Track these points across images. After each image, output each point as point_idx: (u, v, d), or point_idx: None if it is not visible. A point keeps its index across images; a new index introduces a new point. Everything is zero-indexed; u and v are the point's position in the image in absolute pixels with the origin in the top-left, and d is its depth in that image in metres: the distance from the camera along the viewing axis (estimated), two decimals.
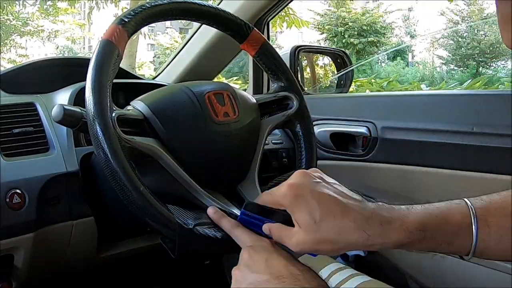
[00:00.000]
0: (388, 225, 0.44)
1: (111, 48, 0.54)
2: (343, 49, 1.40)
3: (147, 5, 0.59)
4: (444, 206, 0.48)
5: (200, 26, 1.13)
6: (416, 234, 0.45)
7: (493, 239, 0.47)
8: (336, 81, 1.32)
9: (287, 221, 0.47)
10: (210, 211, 0.54)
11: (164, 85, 0.74)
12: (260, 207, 0.50)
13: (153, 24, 0.63)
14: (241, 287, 0.46)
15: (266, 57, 0.72)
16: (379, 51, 13.56)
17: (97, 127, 0.50)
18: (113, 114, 0.52)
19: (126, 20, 0.56)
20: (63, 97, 0.80)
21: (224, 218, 0.53)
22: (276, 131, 0.97)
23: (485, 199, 0.50)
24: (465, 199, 0.49)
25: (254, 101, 0.69)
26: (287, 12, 4.97)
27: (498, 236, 0.46)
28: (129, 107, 0.61)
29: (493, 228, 0.47)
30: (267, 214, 0.49)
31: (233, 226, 0.51)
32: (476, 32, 13.25)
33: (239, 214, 0.51)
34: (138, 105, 0.60)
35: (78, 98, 0.76)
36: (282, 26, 5.22)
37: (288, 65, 0.87)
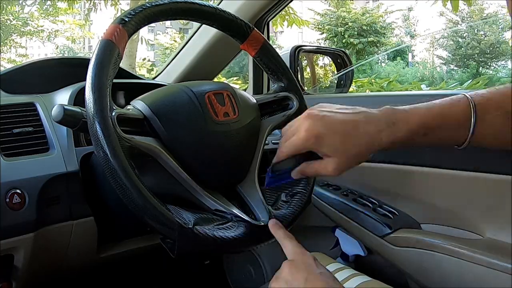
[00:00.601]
0: (394, 126, 0.51)
1: (111, 48, 0.54)
2: (343, 49, 1.40)
3: (147, 5, 0.59)
4: (446, 103, 0.54)
5: (200, 26, 1.13)
6: (419, 132, 0.52)
7: (491, 132, 0.52)
8: (336, 81, 1.32)
9: (308, 158, 0.54)
10: (270, 223, 0.56)
11: (164, 85, 0.74)
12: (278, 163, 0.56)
13: (153, 24, 0.63)
14: None
15: (266, 57, 0.72)
16: (379, 51, 13.56)
17: (97, 126, 0.50)
18: (113, 114, 0.52)
19: (126, 19, 0.56)
20: (63, 97, 0.80)
21: (280, 229, 0.55)
22: (276, 131, 0.97)
23: (485, 94, 0.53)
24: (467, 94, 0.53)
25: (254, 101, 0.69)
26: (288, 11, 4.97)
27: (493, 130, 0.52)
28: (129, 107, 0.61)
29: (489, 122, 0.52)
30: (286, 164, 0.55)
31: (285, 236, 0.53)
32: (476, 32, 13.26)
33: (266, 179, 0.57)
34: (138, 105, 0.60)
35: (78, 98, 0.76)
36: (283, 25, 5.23)
37: (288, 65, 0.87)
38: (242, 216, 0.58)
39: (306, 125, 0.51)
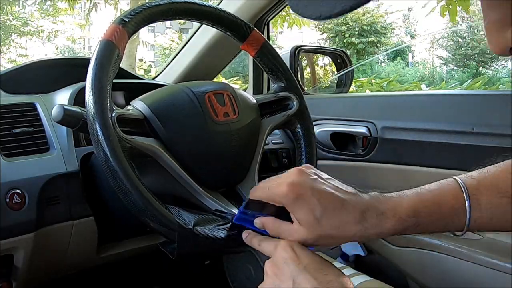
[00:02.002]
0: (383, 216, 0.46)
1: (111, 48, 0.54)
2: (343, 49, 1.40)
3: (148, 5, 0.59)
4: (436, 189, 0.49)
5: (200, 26, 1.13)
6: (409, 221, 0.46)
7: (485, 216, 0.48)
8: (336, 81, 1.32)
9: (280, 213, 0.47)
10: (244, 235, 0.51)
11: (164, 85, 0.74)
12: (254, 203, 0.48)
13: (152, 25, 0.63)
14: None
15: (266, 57, 0.72)
16: (379, 51, 13.56)
17: (97, 126, 0.50)
18: (113, 114, 0.52)
19: (127, 20, 0.56)
20: (63, 97, 0.79)
21: (255, 238, 0.50)
22: (276, 131, 0.97)
23: (475, 176, 0.51)
24: (456, 177, 0.50)
25: (254, 101, 0.69)
26: (288, 12, 4.96)
27: (489, 213, 0.48)
28: (129, 107, 0.61)
29: (484, 206, 0.48)
30: (259, 208, 0.48)
31: (260, 241, 0.49)
32: (476, 32, 13.25)
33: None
34: (138, 105, 0.60)
35: (78, 98, 0.76)
36: (283, 26, 5.22)
37: (288, 65, 0.87)
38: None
39: (293, 179, 0.45)
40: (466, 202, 0.47)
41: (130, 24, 0.57)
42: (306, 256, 0.44)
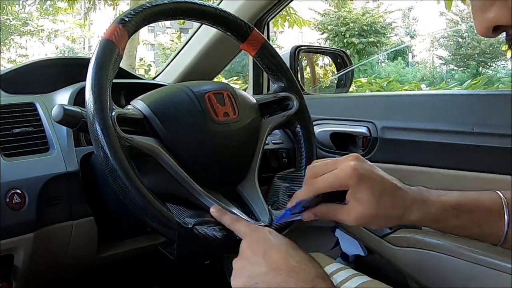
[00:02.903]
0: (428, 203, 0.51)
1: (111, 48, 0.54)
2: (343, 49, 1.40)
3: (148, 5, 0.59)
4: (476, 193, 0.54)
5: (200, 26, 1.13)
6: (451, 212, 0.51)
7: None
8: (336, 81, 1.32)
9: (324, 201, 0.52)
10: (213, 209, 0.55)
11: (164, 85, 0.74)
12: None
13: (153, 24, 0.63)
14: (240, 279, 0.47)
15: (266, 57, 0.72)
16: (379, 51, 13.55)
17: (97, 126, 0.50)
18: (113, 113, 0.52)
19: (127, 19, 0.56)
20: (63, 97, 0.79)
21: (225, 215, 0.54)
22: (276, 131, 0.97)
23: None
24: (496, 190, 0.54)
25: (254, 101, 0.69)
26: (288, 12, 4.97)
27: None
28: (129, 107, 0.61)
29: None
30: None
31: (233, 220, 0.53)
32: (476, 32, 13.24)
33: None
34: (138, 105, 0.60)
35: (78, 98, 0.76)
36: (284, 26, 5.22)
37: (288, 65, 0.87)
38: (242, 216, 0.58)
39: (354, 163, 0.50)
40: (504, 206, 0.51)
41: (130, 24, 0.57)
42: (282, 238, 0.49)
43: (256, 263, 0.46)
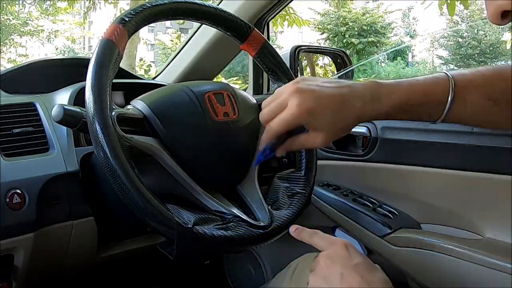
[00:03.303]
0: (378, 101, 0.53)
1: (112, 47, 0.54)
2: (343, 49, 1.40)
3: (148, 5, 0.59)
4: (428, 82, 0.55)
5: (200, 26, 1.13)
6: (400, 108, 0.54)
7: (468, 112, 0.54)
8: None
9: (287, 136, 0.56)
10: (292, 229, 0.56)
11: (164, 85, 0.74)
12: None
13: (153, 24, 0.63)
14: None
15: (267, 57, 0.72)
16: (379, 51, 13.56)
17: (97, 125, 0.50)
18: (113, 113, 0.52)
19: (127, 19, 0.56)
20: (63, 97, 0.79)
21: (303, 232, 0.55)
22: None
23: (467, 74, 0.55)
24: (448, 73, 0.55)
25: (254, 101, 0.69)
26: (288, 11, 4.97)
27: (472, 110, 0.54)
28: (129, 107, 0.61)
29: (469, 104, 0.54)
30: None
31: (311, 235, 0.54)
32: (476, 32, 13.25)
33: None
34: (138, 105, 0.60)
35: (78, 98, 0.76)
36: (283, 25, 5.22)
37: (288, 65, 0.87)
38: (242, 216, 0.58)
39: (297, 100, 0.51)
40: (450, 95, 0.53)
41: (130, 24, 0.57)
42: (357, 256, 0.49)
43: (332, 284, 0.47)
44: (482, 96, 0.54)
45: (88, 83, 0.52)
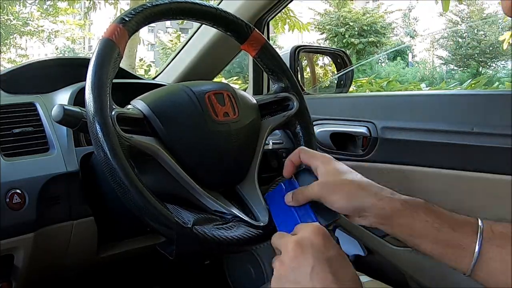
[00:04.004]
0: (381, 192, 0.51)
1: (112, 47, 0.54)
2: (343, 49, 1.40)
3: (148, 5, 0.59)
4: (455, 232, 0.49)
5: (200, 26, 1.13)
6: (414, 203, 0.50)
7: (495, 258, 0.45)
8: (336, 81, 1.32)
9: None
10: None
11: (164, 85, 0.74)
12: None
13: (153, 24, 0.63)
14: (280, 286, 0.45)
15: (267, 57, 0.71)
16: (379, 51, 13.55)
17: (97, 125, 0.50)
18: (113, 113, 0.52)
19: (127, 19, 0.56)
20: (63, 97, 0.79)
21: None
22: (276, 131, 0.97)
23: (491, 223, 0.49)
24: (478, 220, 0.49)
25: (255, 101, 0.69)
26: (288, 15, 4.96)
27: (500, 256, 0.45)
28: (129, 106, 0.61)
29: (497, 238, 0.46)
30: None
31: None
32: (476, 32, 13.25)
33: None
34: (138, 104, 0.60)
35: (78, 98, 0.76)
36: (284, 29, 5.22)
37: (288, 65, 0.87)
38: (242, 216, 0.58)
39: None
40: (479, 228, 0.47)
41: (130, 24, 0.56)
42: (333, 247, 0.45)
43: (301, 276, 0.43)
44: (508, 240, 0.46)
45: (88, 82, 0.52)
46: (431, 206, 0.50)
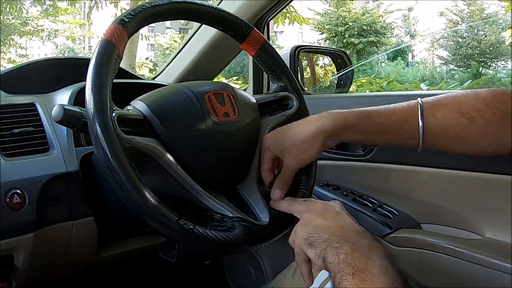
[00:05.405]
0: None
1: (111, 48, 0.54)
2: (343, 49, 1.40)
3: (147, 5, 0.59)
4: (399, 107, 0.60)
5: (200, 26, 1.13)
6: (363, 115, 0.57)
7: (439, 129, 0.55)
8: (336, 81, 1.32)
9: None
10: (272, 201, 0.61)
11: (164, 85, 0.74)
12: None
13: (153, 24, 0.63)
14: (305, 227, 0.52)
15: (266, 57, 0.71)
16: (379, 51, 13.55)
17: (97, 126, 0.50)
18: (113, 114, 0.52)
19: (126, 20, 0.56)
20: (63, 97, 0.80)
21: (281, 203, 0.60)
22: None
23: (438, 96, 0.59)
24: (419, 99, 0.59)
25: (254, 101, 0.69)
26: (289, 9, 4.98)
27: (444, 127, 0.55)
28: (129, 107, 0.61)
29: (439, 119, 0.55)
30: None
31: (290, 203, 0.59)
32: (476, 32, 13.25)
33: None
34: (138, 105, 0.60)
35: (78, 98, 0.76)
36: (284, 23, 5.23)
37: (288, 65, 0.87)
38: (242, 217, 0.58)
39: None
40: (419, 109, 0.56)
41: (130, 24, 0.56)
42: (337, 207, 0.54)
43: (326, 219, 0.51)
44: (452, 111, 0.55)
45: (88, 84, 0.52)
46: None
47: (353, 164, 0.97)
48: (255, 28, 0.70)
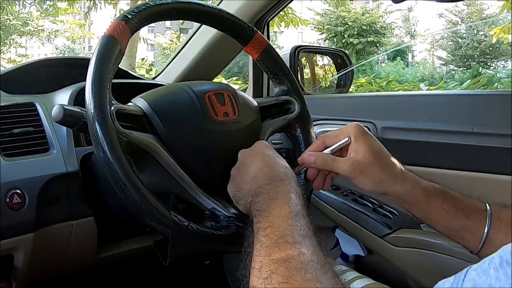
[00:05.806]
0: (419, 180, 0.56)
1: (113, 44, 0.54)
2: (343, 49, 1.40)
3: (152, 3, 0.58)
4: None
5: (200, 26, 1.13)
6: (440, 194, 0.54)
7: (500, 242, 0.50)
8: (336, 81, 1.32)
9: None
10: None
11: (165, 85, 0.74)
12: None
13: (152, 25, 0.62)
14: (231, 186, 0.55)
15: (269, 60, 0.71)
16: (379, 51, 13.55)
17: (96, 119, 0.50)
18: (112, 108, 0.52)
19: (130, 16, 0.56)
20: (63, 97, 0.79)
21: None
22: (278, 134, 0.97)
23: (498, 211, 0.54)
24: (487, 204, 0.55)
25: (255, 103, 0.69)
26: (286, 12, 4.96)
27: (504, 241, 0.47)
28: (129, 104, 0.61)
29: (503, 224, 0.52)
30: None
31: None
32: (476, 32, 13.25)
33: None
34: (138, 102, 0.60)
35: (78, 98, 0.76)
36: (280, 26, 5.21)
37: (288, 65, 0.87)
38: (238, 216, 0.58)
39: (357, 123, 0.61)
40: (488, 211, 0.52)
41: (133, 21, 0.56)
42: (270, 150, 0.56)
43: (243, 172, 0.54)
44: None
45: (89, 77, 0.52)
46: (448, 193, 0.55)
47: None
48: (258, 31, 0.70)
